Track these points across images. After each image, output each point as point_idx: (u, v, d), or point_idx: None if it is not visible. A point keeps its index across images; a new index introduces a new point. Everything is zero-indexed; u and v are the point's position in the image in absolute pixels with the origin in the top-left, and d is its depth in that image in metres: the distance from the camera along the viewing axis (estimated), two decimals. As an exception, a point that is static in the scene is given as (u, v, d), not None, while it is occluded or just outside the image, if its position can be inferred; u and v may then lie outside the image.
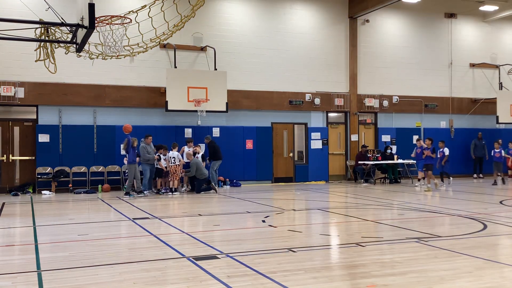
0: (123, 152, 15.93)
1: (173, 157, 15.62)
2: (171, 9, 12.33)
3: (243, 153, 18.61)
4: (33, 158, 16.42)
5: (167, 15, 12.10)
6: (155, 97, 17.48)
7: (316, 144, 19.82)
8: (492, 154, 18.41)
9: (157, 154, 15.78)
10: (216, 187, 16.06)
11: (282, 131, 19.62)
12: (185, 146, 16.53)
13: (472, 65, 22.59)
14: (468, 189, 16.40)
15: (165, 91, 16.96)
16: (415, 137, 21.45)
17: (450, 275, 5.63)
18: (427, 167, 16.15)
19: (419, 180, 17.82)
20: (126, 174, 15.82)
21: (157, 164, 15.71)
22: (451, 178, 18.23)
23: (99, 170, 16.84)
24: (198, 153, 16.41)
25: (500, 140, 19.24)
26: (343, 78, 20.37)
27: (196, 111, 17.14)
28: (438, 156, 17.65)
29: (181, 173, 15.85)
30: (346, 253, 6.96)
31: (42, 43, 11.46)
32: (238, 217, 10.58)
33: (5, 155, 16.24)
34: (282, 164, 19.52)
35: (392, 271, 5.82)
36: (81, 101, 16.72)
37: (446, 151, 17.98)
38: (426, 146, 16.32)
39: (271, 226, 9.20)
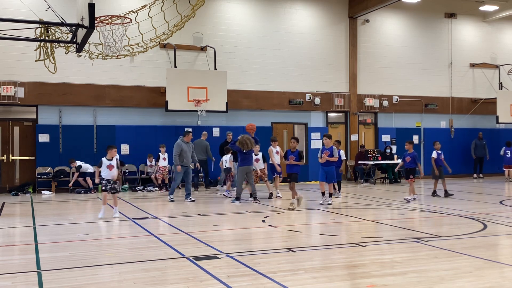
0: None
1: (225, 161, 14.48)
2: (171, 9, 12.33)
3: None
4: (33, 158, 16.42)
5: (167, 15, 12.11)
6: (155, 97, 17.48)
7: (316, 144, 19.80)
8: (436, 156, 13.91)
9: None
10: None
11: (282, 131, 19.61)
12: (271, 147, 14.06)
13: (472, 65, 22.59)
14: (468, 189, 16.40)
15: (165, 91, 16.96)
16: (415, 137, 21.48)
17: (450, 275, 5.63)
18: (290, 177, 12.06)
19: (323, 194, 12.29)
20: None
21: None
22: (339, 194, 13.94)
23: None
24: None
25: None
26: (343, 78, 20.37)
27: (196, 111, 17.13)
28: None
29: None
30: (346, 253, 6.96)
31: (42, 43, 11.46)
32: (238, 217, 10.57)
33: (5, 155, 16.24)
34: (282, 164, 19.43)
35: (392, 271, 5.82)
36: (81, 101, 16.72)
37: (342, 154, 13.78)
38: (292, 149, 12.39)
39: (271, 226, 9.19)
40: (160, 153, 16.44)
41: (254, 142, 12.89)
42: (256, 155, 13.44)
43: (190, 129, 14.97)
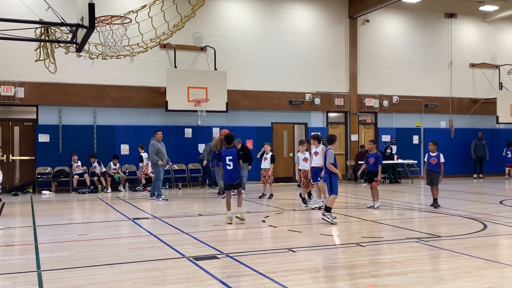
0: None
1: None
2: (171, 9, 12.34)
3: (243, 153, 18.57)
4: (33, 158, 16.42)
5: (167, 15, 12.11)
6: (155, 97, 17.48)
7: (316, 144, 19.77)
8: (426, 160, 12.03)
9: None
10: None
11: (282, 131, 19.61)
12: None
13: (472, 65, 22.59)
14: (468, 189, 16.40)
15: (165, 91, 16.96)
16: (415, 137, 21.48)
17: (450, 275, 5.63)
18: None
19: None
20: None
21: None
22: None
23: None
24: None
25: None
26: (343, 78, 20.37)
27: (196, 111, 17.14)
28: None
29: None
30: (346, 253, 6.96)
31: (42, 43, 11.46)
32: (238, 217, 10.55)
33: (5, 155, 16.23)
34: (282, 164, 19.49)
35: (392, 271, 5.82)
36: (81, 101, 16.72)
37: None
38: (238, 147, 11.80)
39: (271, 226, 9.20)
40: None
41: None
42: (267, 154, 13.91)
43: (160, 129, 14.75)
